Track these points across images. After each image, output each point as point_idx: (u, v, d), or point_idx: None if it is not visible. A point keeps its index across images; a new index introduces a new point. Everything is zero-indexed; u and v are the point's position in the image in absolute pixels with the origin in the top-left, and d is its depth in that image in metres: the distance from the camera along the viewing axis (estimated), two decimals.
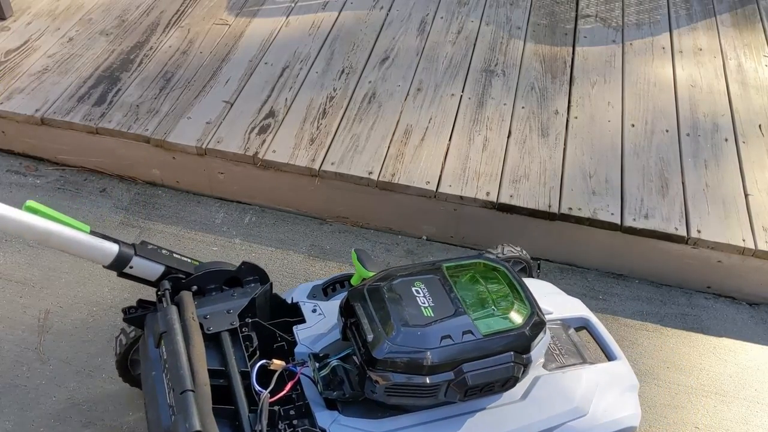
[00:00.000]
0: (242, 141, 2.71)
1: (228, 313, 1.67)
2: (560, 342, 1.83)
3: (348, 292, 1.60)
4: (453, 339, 1.46)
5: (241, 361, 1.59)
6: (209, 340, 1.61)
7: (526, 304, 1.58)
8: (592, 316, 1.95)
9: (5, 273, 2.50)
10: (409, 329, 1.46)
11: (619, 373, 1.80)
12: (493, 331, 1.50)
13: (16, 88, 2.93)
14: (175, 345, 1.49)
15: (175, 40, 3.24)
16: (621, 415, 1.71)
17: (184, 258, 1.73)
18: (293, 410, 1.57)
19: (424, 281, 1.58)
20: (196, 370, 1.44)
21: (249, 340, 1.66)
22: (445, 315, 1.50)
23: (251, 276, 1.78)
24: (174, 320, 1.55)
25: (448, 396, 1.50)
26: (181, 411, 1.36)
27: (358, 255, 1.83)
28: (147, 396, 1.59)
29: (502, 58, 3.21)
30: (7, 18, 3.33)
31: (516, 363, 1.51)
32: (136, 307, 1.72)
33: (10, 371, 2.20)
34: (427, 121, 2.85)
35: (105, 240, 1.59)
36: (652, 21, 3.50)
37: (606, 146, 2.79)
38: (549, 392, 1.67)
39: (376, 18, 3.43)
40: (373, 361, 1.45)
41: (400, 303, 1.51)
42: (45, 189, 2.82)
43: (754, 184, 2.68)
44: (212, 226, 2.72)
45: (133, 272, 1.65)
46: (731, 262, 2.49)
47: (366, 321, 1.50)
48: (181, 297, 1.64)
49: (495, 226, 2.61)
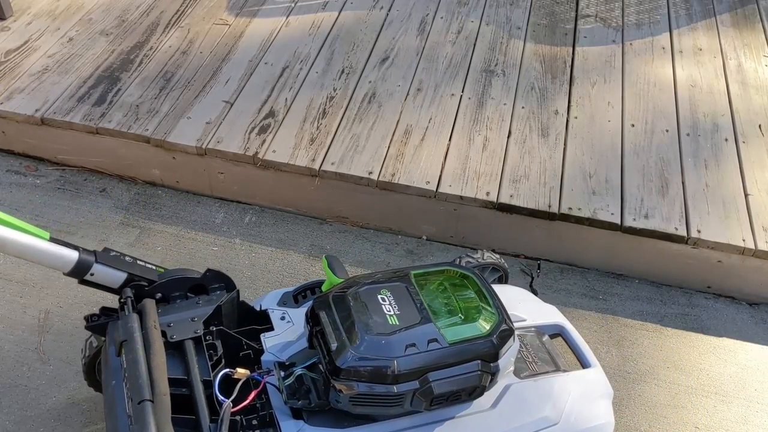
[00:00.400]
0: (242, 141, 2.71)
1: (192, 321, 1.64)
2: (534, 349, 1.80)
3: (313, 300, 1.57)
4: (418, 347, 1.44)
5: (205, 370, 1.56)
6: (172, 349, 1.58)
7: (494, 312, 1.55)
8: (567, 323, 1.92)
9: (5, 273, 2.50)
10: (374, 338, 1.43)
11: (593, 381, 1.77)
12: (460, 339, 1.47)
13: (16, 88, 2.93)
14: (135, 354, 1.46)
15: (175, 40, 3.24)
16: (594, 423, 1.68)
17: (148, 265, 1.71)
18: (256, 420, 1.54)
19: (391, 289, 1.55)
20: (155, 379, 1.42)
21: (213, 348, 1.62)
22: (410, 323, 1.47)
23: (217, 283, 1.74)
24: (135, 328, 1.53)
25: (413, 405, 1.47)
26: (138, 421, 1.34)
27: (329, 261, 1.80)
28: (106, 405, 1.57)
29: (502, 58, 3.21)
30: (7, 18, 3.33)
31: (483, 372, 1.48)
32: (98, 314, 1.69)
33: (10, 371, 2.20)
34: (427, 121, 2.85)
35: (64, 247, 1.56)
36: (652, 21, 3.50)
37: (606, 146, 2.79)
38: (520, 400, 1.64)
39: (376, 18, 3.43)
40: (337, 370, 1.42)
41: (366, 311, 1.48)
42: (45, 189, 2.82)
43: (754, 184, 2.68)
44: (212, 226, 2.72)
45: (94, 279, 1.61)
46: (731, 262, 2.50)
47: (330, 329, 1.47)
48: (143, 305, 1.61)
49: (495, 226, 2.61)
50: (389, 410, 1.49)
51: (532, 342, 1.83)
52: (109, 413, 1.53)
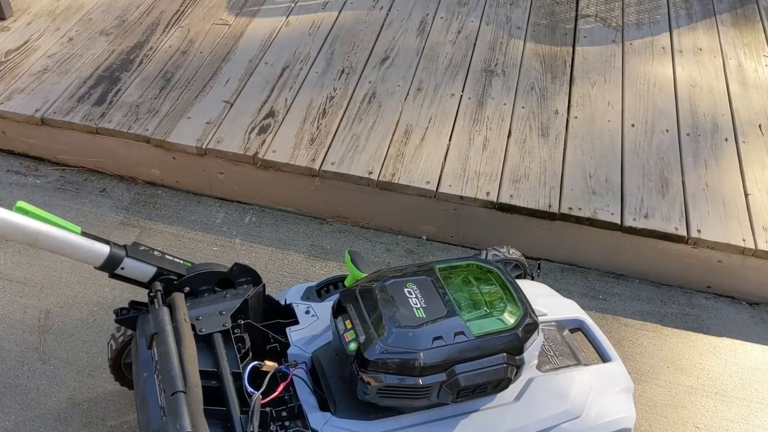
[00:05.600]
0: (242, 141, 2.71)
1: (220, 315, 1.66)
2: (555, 343, 1.82)
3: (340, 293, 1.59)
4: (445, 340, 1.45)
5: (233, 363, 1.58)
6: (201, 342, 1.59)
7: (518, 306, 1.56)
8: (586, 317, 1.94)
9: (5, 273, 2.50)
10: (401, 330, 1.45)
11: (614, 375, 1.79)
12: (486, 332, 1.49)
13: (16, 88, 2.93)
14: (167, 346, 1.48)
15: (175, 40, 3.24)
16: (615, 416, 1.69)
17: (176, 259, 1.72)
18: (285, 412, 1.56)
19: (417, 282, 1.57)
20: (187, 371, 1.44)
21: (241, 341, 1.65)
22: (437, 316, 1.49)
23: (243, 277, 1.76)
24: (165, 321, 1.54)
25: (440, 397, 1.50)
26: (172, 412, 1.35)
27: (352, 256, 1.82)
28: (138, 397, 1.58)
29: (502, 58, 3.21)
30: (7, 18, 3.33)
31: (509, 364, 1.50)
32: (128, 308, 1.71)
33: (10, 371, 2.20)
34: (427, 121, 2.85)
35: (96, 241, 1.58)
36: (652, 21, 3.50)
37: (606, 146, 2.79)
38: (542, 394, 1.66)
39: (376, 18, 3.43)
40: (365, 362, 1.44)
41: (392, 304, 1.50)
42: (45, 189, 2.82)
43: (754, 183, 2.68)
44: (212, 226, 2.72)
45: (124, 273, 1.64)
46: (731, 261, 2.50)
47: (358, 322, 1.49)
48: (173, 298, 1.63)
49: (495, 226, 2.61)
50: (416, 402, 1.51)
51: (552, 336, 1.85)
52: (142, 405, 1.54)
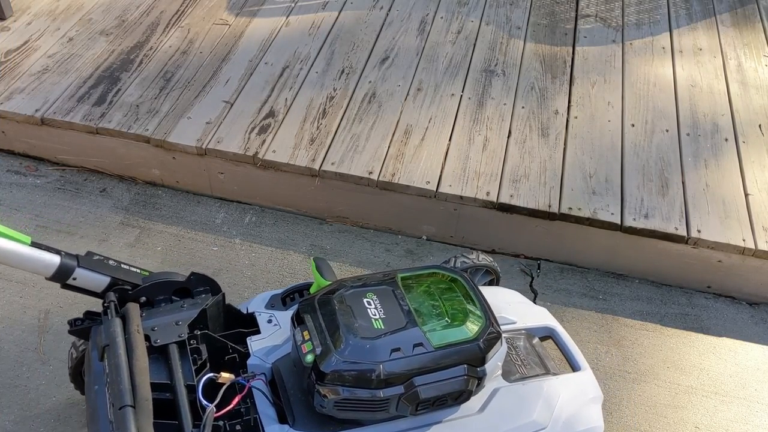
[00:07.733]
0: (242, 141, 2.71)
1: (176, 325, 1.61)
2: (523, 352, 1.79)
3: (299, 304, 1.56)
4: (403, 352, 1.42)
5: (188, 374, 1.54)
6: (156, 353, 1.56)
7: (481, 316, 1.53)
8: (557, 325, 1.91)
9: (5, 273, 2.50)
10: (358, 342, 1.42)
11: (583, 384, 1.76)
12: (446, 343, 1.46)
13: (16, 88, 2.93)
14: (117, 359, 1.45)
15: (175, 40, 3.24)
16: (583, 427, 1.66)
17: (132, 269, 1.69)
18: (240, 425, 1.52)
19: (377, 292, 1.53)
20: (137, 384, 1.41)
21: (197, 352, 1.60)
22: (396, 327, 1.46)
23: (202, 286, 1.72)
24: (117, 333, 1.51)
25: (399, 410, 1.46)
26: (119, 427, 1.33)
27: (317, 264, 1.77)
28: (89, 410, 1.55)
29: (502, 58, 3.21)
30: (7, 18, 3.33)
31: (469, 376, 1.47)
32: (82, 318, 1.67)
33: (10, 371, 2.20)
34: (427, 121, 2.85)
35: (46, 251, 1.55)
36: (652, 21, 3.50)
37: (606, 146, 2.79)
38: (508, 404, 1.62)
39: (376, 18, 3.43)
40: (322, 374, 1.40)
41: (351, 315, 1.47)
42: (45, 189, 2.82)
43: (754, 183, 2.68)
44: (212, 226, 2.72)
45: (76, 284, 1.60)
46: (731, 261, 2.50)
47: (315, 333, 1.46)
48: (126, 309, 1.59)
49: (495, 226, 2.61)
50: (375, 415, 1.49)
51: (521, 344, 1.81)
52: (92, 419, 1.51)
